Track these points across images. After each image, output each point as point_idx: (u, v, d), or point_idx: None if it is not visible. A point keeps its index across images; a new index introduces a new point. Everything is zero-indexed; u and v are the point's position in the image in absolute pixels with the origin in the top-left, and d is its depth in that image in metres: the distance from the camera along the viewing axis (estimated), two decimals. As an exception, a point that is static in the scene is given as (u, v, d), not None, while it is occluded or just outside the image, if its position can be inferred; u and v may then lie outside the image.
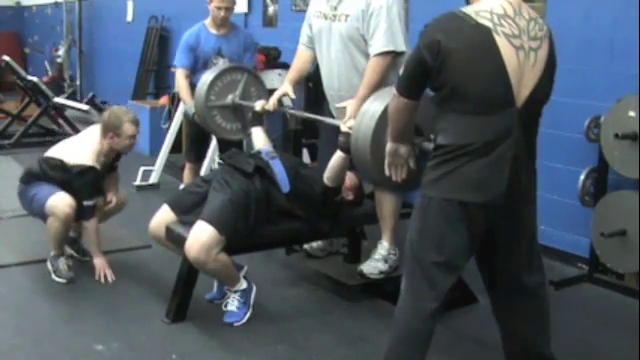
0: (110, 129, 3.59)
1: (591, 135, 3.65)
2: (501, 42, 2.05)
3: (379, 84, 3.17)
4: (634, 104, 3.35)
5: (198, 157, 4.46)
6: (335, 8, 3.31)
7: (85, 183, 3.56)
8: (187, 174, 4.53)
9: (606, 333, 3.16)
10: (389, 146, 2.40)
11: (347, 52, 3.31)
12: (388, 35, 3.18)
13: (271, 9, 6.33)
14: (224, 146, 4.51)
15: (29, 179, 3.68)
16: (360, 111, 2.71)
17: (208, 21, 4.34)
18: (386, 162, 2.44)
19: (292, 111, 3.62)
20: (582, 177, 3.67)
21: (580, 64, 3.78)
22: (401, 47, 3.22)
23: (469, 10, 2.10)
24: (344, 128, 3.04)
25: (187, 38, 4.31)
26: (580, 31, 3.80)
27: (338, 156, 3.09)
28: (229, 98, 3.85)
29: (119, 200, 3.78)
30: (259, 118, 3.58)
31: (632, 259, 3.40)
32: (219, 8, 4.21)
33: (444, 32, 2.08)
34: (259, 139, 3.48)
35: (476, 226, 2.15)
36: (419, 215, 2.21)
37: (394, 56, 3.21)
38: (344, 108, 3.24)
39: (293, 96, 3.61)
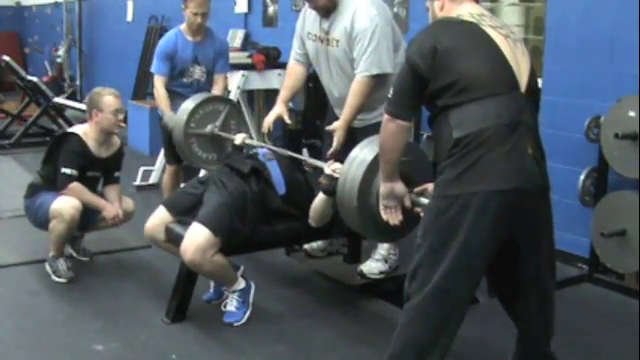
0: (93, 106, 3.60)
1: (591, 135, 3.65)
2: (490, 31, 2.13)
3: (363, 106, 3.22)
4: (634, 104, 3.35)
5: (177, 159, 4.43)
6: (327, 32, 3.30)
7: (66, 149, 3.56)
8: (167, 177, 4.46)
9: (606, 333, 3.17)
10: (383, 188, 2.35)
11: (345, 74, 3.32)
12: (372, 58, 3.16)
13: (271, 9, 6.33)
14: None
15: (32, 192, 3.69)
16: (349, 157, 2.63)
17: (184, 27, 4.25)
18: (381, 206, 2.39)
19: (275, 149, 3.51)
20: (582, 177, 3.67)
21: (580, 64, 3.78)
22: (387, 69, 3.19)
23: (451, 14, 2.20)
24: (328, 171, 2.94)
25: (164, 46, 4.22)
26: (580, 31, 3.80)
27: (320, 198, 3.04)
28: (208, 128, 3.78)
29: (126, 210, 3.75)
30: (239, 151, 3.55)
31: (632, 259, 3.40)
32: (195, 14, 4.13)
33: (435, 36, 2.13)
34: None
35: (502, 222, 2.07)
36: (436, 219, 2.11)
37: (379, 78, 3.20)
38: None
39: (288, 120, 3.57)
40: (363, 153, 2.57)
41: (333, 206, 3.15)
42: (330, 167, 2.94)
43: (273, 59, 5.70)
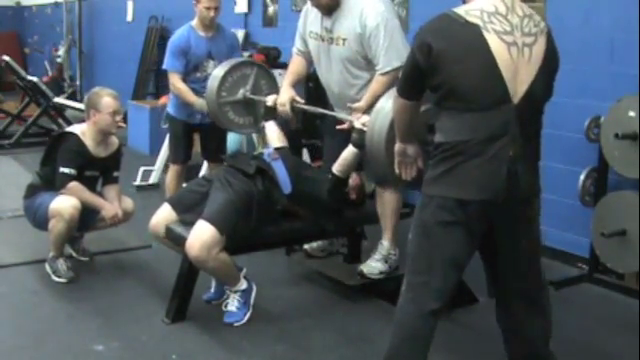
0: (91, 106, 3.61)
1: (591, 135, 3.65)
2: (491, 39, 2.06)
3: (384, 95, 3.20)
4: (634, 104, 3.35)
5: (184, 158, 4.43)
6: (330, 31, 3.29)
7: (64, 148, 3.56)
8: (170, 177, 4.45)
9: (606, 333, 3.17)
10: (397, 146, 2.42)
11: (347, 71, 3.32)
12: (391, 53, 3.16)
13: (271, 9, 6.34)
14: (206, 146, 4.51)
15: (32, 192, 3.69)
16: (375, 109, 2.73)
17: (195, 23, 4.27)
18: (395, 161, 2.46)
19: (306, 107, 3.62)
20: (582, 177, 3.67)
21: (580, 64, 3.78)
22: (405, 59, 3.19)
23: (460, 10, 2.13)
24: (358, 124, 3.05)
25: (177, 42, 4.24)
26: (580, 31, 3.80)
27: (350, 151, 3.13)
28: (240, 93, 3.84)
29: (125, 209, 3.74)
30: (272, 113, 3.58)
31: (632, 259, 3.40)
32: (208, 8, 4.15)
33: (434, 33, 2.11)
34: (272, 133, 3.49)
35: (476, 225, 2.15)
36: (420, 213, 2.22)
37: (400, 69, 3.19)
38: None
39: (301, 101, 3.60)
40: (390, 103, 2.64)
41: (332, 201, 3.19)
42: (360, 120, 3.03)
43: (273, 59, 5.70)
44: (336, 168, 3.19)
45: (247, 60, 4.16)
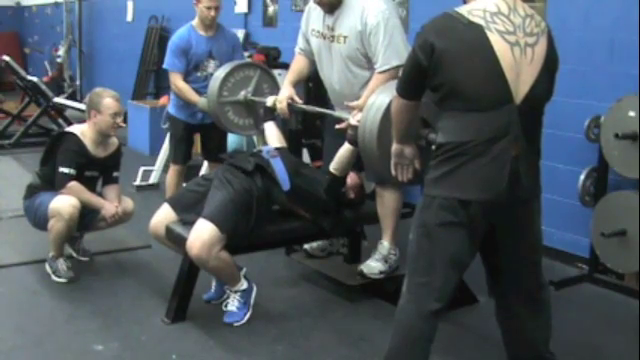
0: (92, 107, 3.61)
1: (591, 135, 3.65)
2: (494, 39, 2.06)
3: None
4: (634, 104, 3.35)
5: (184, 158, 4.44)
6: (332, 28, 3.30)
7: (64, 148, 3.56)
8: (170, 176, 4.44)
9: (606, 333, 3.17)
10: (394, 147, 2.41)
11: (348, 70, 3.32)
12: (390, 51, 3.16)
13: (271, 9, 6.34)
14: (207, 146, 4.52)
15: (31, 192, 3.69)
16: (367, 104, 2.75)
17: (196, 22, 4.28)
18: (392, 163, 2.46)
19: (304, 106, 3.63)
20: (582, 177, 3.67)
21: (580, 64, 3.79)
22: (405, 59, 3.20)
23: (462, 10, 2.12)
24: (353, 121, 3.06)
25: (178, 42, 4.25)
26: (580, 31, 3.81)
27: (346, 148, 3.14)
28: (241, 94, 3.86)
29: (125, 209, 3.73)
30: (271, 113, 3.59)
31: (632, 259, 3.40)
32: (209, 8, 4.17)
33: (437, 33, 2.10)
34: (272, 134, 3.51)
35: (477, 225, 2.15)
36: (421, 214, 2.21)
37: (399, 69, 3.19)
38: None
39: (299, 100, 3.61)
40: (380, 98, 2.66)
41: (331, 200, 3.20)
42: (355, 118, 3.06)
43: (273, 59, 5.69)
44: (333, 166, 3.20)
45: (251, 62, 4.16)
